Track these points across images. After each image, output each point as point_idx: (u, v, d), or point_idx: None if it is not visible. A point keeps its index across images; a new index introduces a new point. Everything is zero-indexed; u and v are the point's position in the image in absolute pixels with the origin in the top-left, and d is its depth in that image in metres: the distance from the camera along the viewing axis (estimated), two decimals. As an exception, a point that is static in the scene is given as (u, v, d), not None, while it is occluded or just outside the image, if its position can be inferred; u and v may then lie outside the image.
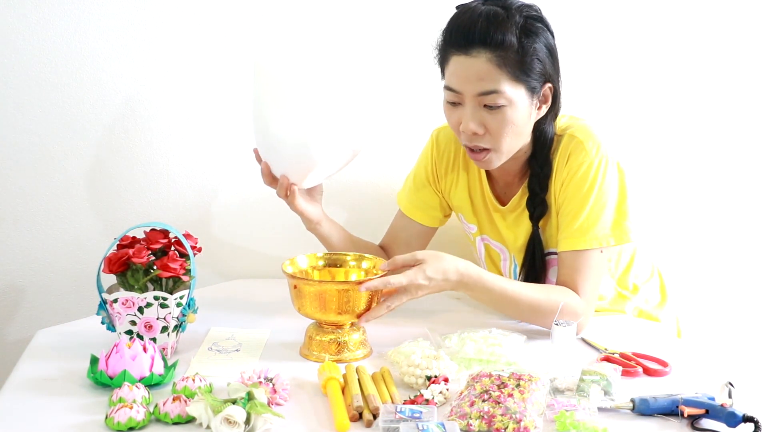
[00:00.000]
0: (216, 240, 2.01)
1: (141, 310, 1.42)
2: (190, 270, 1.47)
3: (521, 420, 1.18)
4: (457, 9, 1.54)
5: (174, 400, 1.22)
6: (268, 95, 1.58)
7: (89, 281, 1.73)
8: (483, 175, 1.71)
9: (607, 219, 1.56)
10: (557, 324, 1.44)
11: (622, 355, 1.47)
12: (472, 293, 1.53)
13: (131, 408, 1.19)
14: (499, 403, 1.22)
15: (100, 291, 1.46)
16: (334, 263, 1.58)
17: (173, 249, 1.51)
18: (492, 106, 1.49)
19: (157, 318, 1.43)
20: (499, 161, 1.57)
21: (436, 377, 1.32)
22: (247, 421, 1.18)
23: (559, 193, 1.59)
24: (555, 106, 1.57)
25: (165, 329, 1.43)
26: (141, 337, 1.42)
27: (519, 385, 1.26)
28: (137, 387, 1.26)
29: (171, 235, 1.51)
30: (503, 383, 1.27)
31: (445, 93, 1.54)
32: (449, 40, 1.51)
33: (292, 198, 1.64)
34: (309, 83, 1.56)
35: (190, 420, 1.21)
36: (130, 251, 1.45)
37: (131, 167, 1.97)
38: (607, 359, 1.45)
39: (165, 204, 1.99)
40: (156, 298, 1.42)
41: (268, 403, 1.22)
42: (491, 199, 1.70)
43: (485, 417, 1.19)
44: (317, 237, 1.74)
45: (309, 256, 1.58)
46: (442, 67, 1.56)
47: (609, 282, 1.73)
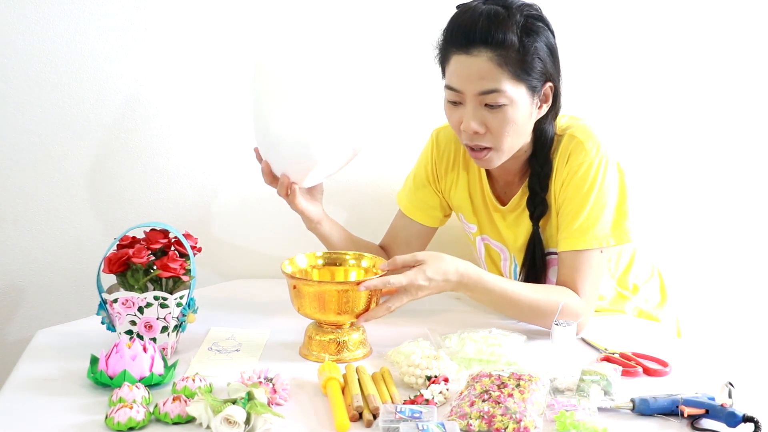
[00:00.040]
0: (216, 240, 2.01)
1: (141, 310, 1.42)
2: (190, 270, 1.47)
3: (521, 420, 1.18)
4: (458, 8, 1.53)
5: (174, 400, 1.22)
6: (268, 94, 1.58)
7: (89, 281, 1.73)
8: (483, 175, 1.71)
9: (607, 219, 1.56)
10: (557, 324, 1.44)
11: (622, 355, 1.47)
12: (472, 294, 1.53)
13: (131, 408, 1.19)
14: (499, 403, 1.22)
15: (100, 291, 1.46)
16: (333, 262, 1.58)
17: (173, 249, 1.51)
18: (493, 105, 1.49)
19: (157, 318, 1.43)
20: (500, 160, 1.57)
21: (436, 377, 1.32)
22: (247, 421, 1.18)
23: (559, 193, 1.59)
24: (555, 105, 1.57)
25: (165, 329, 1.43)
26: (141, 337, 1.42)
27: (519, 385, 1.26)
28: (137, 387, 1.26)
29: (171, 235, 1.51)
30: (503, 383, 1.27)
31: (446, 92, 1.54)
32: (450, 39, 1.51)
33: (292, 197, 1.64)
34: (309, 82, 1.56)
35: (190, 420, 1.21)
36: (130, 251, 1.45)
37: (131, 167, 1.97)
38: (607, 359, 1.45)
39: (165, 204, 1.99)
40: (156, 298, 1.42)
41: (268, 403, 1.22)
42: (491, 199, 1.70)
43: (485, 417, 1.19)
44: (317, 236, 1.74)
45: (308, 255, 1.58)
46: (442, 67, 1.56)
47: (609, 282, 1.73)
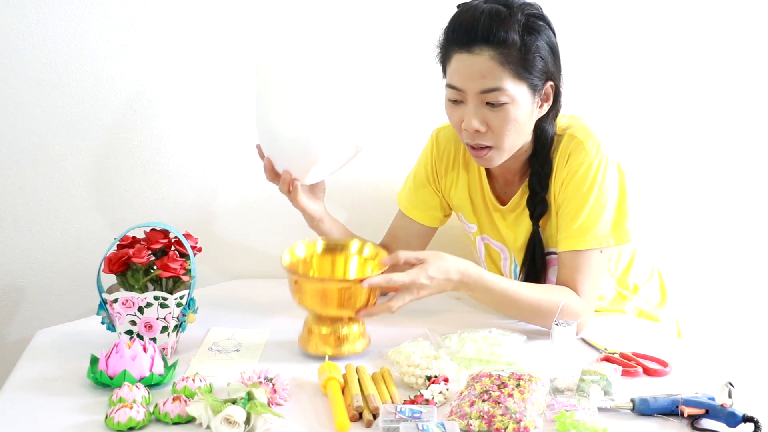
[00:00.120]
0: (216, 240, 2.01)
1: (141, 310, 1.42)
2: (190, 270, 1.47)
3: (521, 420, 1.18)
4: (459, 7, 1.53)
5: (174, 400, 1.22)
6: (270, 91, 1.58)
7: (89, 281, 1.73)
8: (483, 175, 1.71)
9: (607, 219, 1.56)
10: (557, 324, 1.44)
11: (622, 355, 1.47)
12: (472, 293, 1.53)
13: (131, 408, 1.19)
14: (499, 403, 1.21)
15: (100, 291, 1.46)
16: (333, 248, 1.58)
17: (173, 249, 1.51)
18: (494, 103, 1.49)
19: (157, 318, 1.43)
20: (501, 159, 1.57)
21: (436, 377, 1.32)
22: (247, 421, 1.18)
23: (559, 193, 1.59)
24: (556, 104, 1.57)
25: (165, 329, 1.43)
26: (141, 337, 1.42)
27: (519, 385, 1.26)
28: (137, 387, 1.26)
29: (171, 235, 1.51)
30: (503, 383, 1.27)
31: (447, 91, 1.54)
32: (451, 37, 1.51)
33: (294, 194, 1.63)
34: (312, 79, 1.55)
35: (190, 420, 1.21)
36: (130, 251, 1.45)
37: (131, 167, 1.97)
38: (607, 359, 1.45)
39: (165, 204, 1.99)
40: (156, 298, 1.42)
41: (268, 403, 1.22)
42: (491, 199, 1.70)
43: (485, 417, 1.19)
44: (319, 234, 1.73)
45: (308, 245, 1.57)
46: (443, 65, 1.56)
47: (609, 282, 1.73)
